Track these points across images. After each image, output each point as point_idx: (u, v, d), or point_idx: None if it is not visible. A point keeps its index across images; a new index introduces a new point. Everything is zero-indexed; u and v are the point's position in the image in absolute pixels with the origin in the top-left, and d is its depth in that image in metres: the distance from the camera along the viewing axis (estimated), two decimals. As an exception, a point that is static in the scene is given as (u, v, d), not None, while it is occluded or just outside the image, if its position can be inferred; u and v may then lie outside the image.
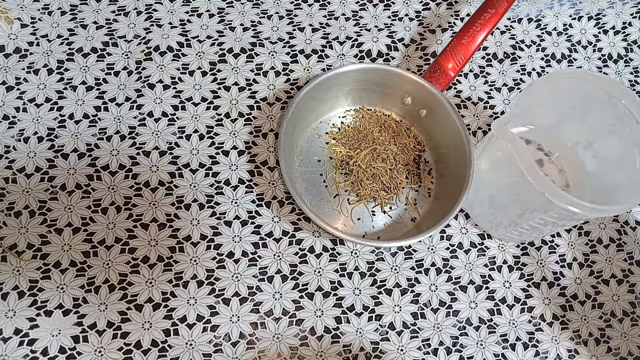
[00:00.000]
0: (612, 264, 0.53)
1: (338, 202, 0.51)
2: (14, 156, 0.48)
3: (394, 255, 0.50)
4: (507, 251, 0.52)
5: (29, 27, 0.53)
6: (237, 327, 0.46)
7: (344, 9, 0.59)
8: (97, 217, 0.47)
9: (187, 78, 0.53)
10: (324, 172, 0.52)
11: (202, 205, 0.49)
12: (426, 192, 0.52)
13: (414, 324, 0.49)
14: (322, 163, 0.52)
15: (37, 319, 0.44)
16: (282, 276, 0.48)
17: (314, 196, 0.51)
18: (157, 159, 0.50)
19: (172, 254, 0.47)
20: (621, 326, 0.51)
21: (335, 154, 0.52)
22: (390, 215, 0.51)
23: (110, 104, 0.51)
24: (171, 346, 0.45)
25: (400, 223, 0.51)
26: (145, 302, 0.46)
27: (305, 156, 0.52)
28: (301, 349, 0.46)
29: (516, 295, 0.51)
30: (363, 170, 0.51)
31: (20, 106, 0.50)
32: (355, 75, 0.51)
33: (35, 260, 0.46)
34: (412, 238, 0.45)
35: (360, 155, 0.52)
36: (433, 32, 0.59)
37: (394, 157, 0.53)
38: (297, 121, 0.50)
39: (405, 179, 0.52)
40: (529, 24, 0.61)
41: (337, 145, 0.53)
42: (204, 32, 0.55)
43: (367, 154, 0.52)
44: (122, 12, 0.55)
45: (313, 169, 0.52)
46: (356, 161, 0.51)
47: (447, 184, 0.51)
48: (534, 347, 0.49)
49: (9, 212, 0.47)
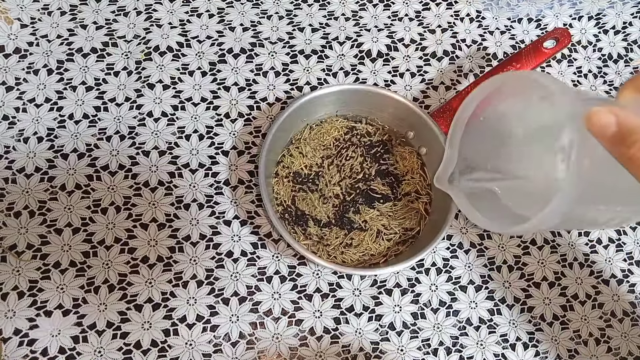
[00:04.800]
0: (612, 264, 0.53)
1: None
2: (13, 156, 0.49)
3: (394, 255, 0.50)
4: (508, 251, 0.52)
5: (29, 28, 0.53)
6: (236, 327, 0.46)
7: (343, 9, 0.59)
8: (96, 217, 0.47)
9: (186, 78, 0.53)
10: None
11: (201, 205, 0.49)
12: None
13: (414, 324, 0.49)
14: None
15: (37, 319, 0.44)
16: (281, 277, 0.48)
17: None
18: (157, 159, 0.50)
19: (171, 254, 0.47)
20: (621, 326, 0.51)
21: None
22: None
23: (110, 104, 0.51)
24: (171, 346, 0.45)
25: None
26: (145, 302, 0.46)
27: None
28: (300, 349, 0.46)
29: (516, 295, 0.51)
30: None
31: (20, 106, 0.50)
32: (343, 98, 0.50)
33: (35, 260, 0.46)
34: (399, 264, 0.45)
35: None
36: (433, 32, 0.59)
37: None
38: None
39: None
40: (529, 24, 0.61)
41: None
42: (203, 32, 0.55)
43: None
44: (122, 13, 0.55)
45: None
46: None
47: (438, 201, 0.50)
48: (534, 347, 0.49)
49: (9, 212, 0.47)
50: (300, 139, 0.51)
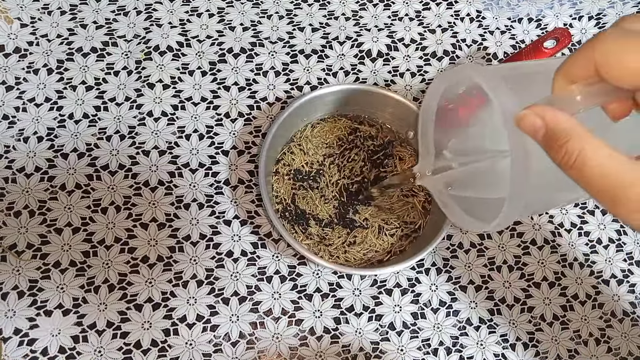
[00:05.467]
0: (612, 264, 0.53)
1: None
2: (13, 156, 0.48)
3: (394, 255, 0.50)
4: (508, 251, 0.52)
5: (29, 27, 0.53)
6: (236, 327, 0.46)
7: (343, 9, 0.58)
8: (96, 217, 0.47)
9: (186, 78, 0.53)
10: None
11: (201, 205, 0.49)
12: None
13: (414, 324, 0.49)
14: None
15: (37, 318, 0.44)
16: (281, 277, 0.48)
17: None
18: (157, 158, 0.50)
19: (171, 254, 0.47)
20: (621, 326, 0.51)
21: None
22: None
23: (110, 104, 0.51)
24: (171, 346, 0.45)
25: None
26: (145, 301, 0.46)
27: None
28: (301, 349, 0.46)
29: (516, 295, 0.51)
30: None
31: (20, 106, 0.50)
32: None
33: (35, 260, 0.46)
34: (400, 264, 0.45)
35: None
36: (433, 32, 0.59)
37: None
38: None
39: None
40: (529, 24, 0.61)
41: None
42: (203, 32, 0.55)
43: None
44: (122, 12, 0.55)
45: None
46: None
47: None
48: (534, 347, 0.49)
49: (9, 212, 0.47)
50: (301, 137, 0.51)
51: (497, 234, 0.52)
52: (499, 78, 0.26)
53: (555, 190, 0.31)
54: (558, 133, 0.22)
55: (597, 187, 0.21)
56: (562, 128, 0.22)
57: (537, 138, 0.23)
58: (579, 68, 0.22)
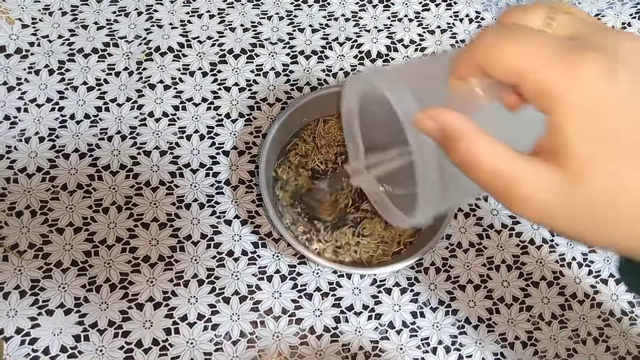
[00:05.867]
0: (610, 264, 0.53)
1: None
2: (15, 156, 0.49)
3: (394, 254, 0.50)
4: (507, 250, 0.52)
5: (30, 28, 0.53)
6: (237, 326, 0.47)
7: (343, 10, 0.59)
8: (98, 217, 0.48)
9: (187, 78, 0.54)
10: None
11: (202, 205, 0.50)
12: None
13: (413, 322, 0.49)
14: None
15: (39, 318, 0.45)
16: (281, 276, 0.48)
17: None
18: (158, 158, 0.50)
19: (172, 253, 0.48)
20: (620, 325, 0.51)
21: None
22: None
23: (111, 104, 0.52)
24: (172, 345, 0.45)
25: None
26: (146, 301, 0.46)
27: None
28: (301, 348, 0.47)
29: (515, 294, 0.51)
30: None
31: (21, 106, 0.50)
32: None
33: (37, 259, 0.46)
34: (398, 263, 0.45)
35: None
36: (432, 33, 0.59)
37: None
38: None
39: None
40: (527, 25, 0.61)
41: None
42: (204, 33, 0.56)
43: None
44: (123, 13, 0.55)
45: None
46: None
47: None
48: (532, 346, 0.49)
49: (11, 212, 0.47)
50: (315, 131, 0.51)
51: (495, 233, 0.53)
52: (401, 79, 0.26)
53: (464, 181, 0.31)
54: (450, 133, 0.22)
55: (488, 183, 0.21)
56: (455, 128, 0.22)
57: (435, 139, 0.23)
58: (468, 68, 0.23)
